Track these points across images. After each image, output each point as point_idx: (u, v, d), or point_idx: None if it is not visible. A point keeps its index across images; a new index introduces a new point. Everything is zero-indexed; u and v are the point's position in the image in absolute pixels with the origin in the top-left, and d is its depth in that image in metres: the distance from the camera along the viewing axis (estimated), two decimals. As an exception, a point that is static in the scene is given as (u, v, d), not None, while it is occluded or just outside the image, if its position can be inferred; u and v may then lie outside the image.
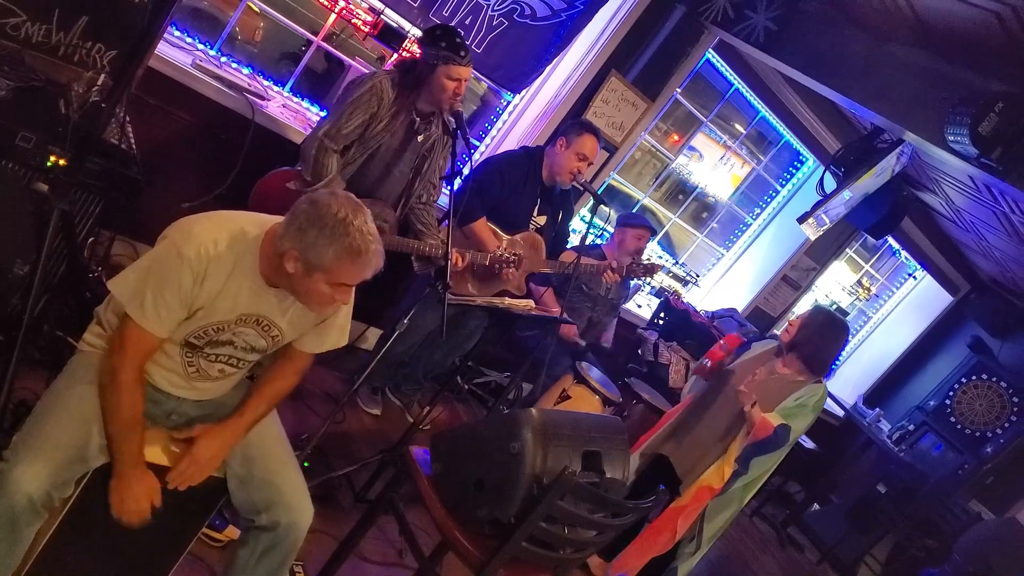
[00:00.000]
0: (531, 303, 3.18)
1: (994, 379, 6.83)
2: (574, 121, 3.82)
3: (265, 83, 3.80)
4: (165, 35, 3.29)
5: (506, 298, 3.14)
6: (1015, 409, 6.62)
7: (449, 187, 2.91)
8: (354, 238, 1.77)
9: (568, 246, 4.25)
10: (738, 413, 3.33)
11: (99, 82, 2.50)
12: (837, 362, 3.44)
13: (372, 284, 1.92)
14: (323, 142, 2.96)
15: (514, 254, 3.55)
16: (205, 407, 2.07)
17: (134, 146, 2.63)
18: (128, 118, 2.61)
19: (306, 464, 2.81)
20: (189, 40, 3.57)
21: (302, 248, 1.77)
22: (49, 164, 2.20)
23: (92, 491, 1.82)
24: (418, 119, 3.14)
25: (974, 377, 6.95)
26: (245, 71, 3.73)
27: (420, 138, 3.19)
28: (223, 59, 3.65)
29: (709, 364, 3.49)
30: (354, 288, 1.90)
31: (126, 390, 1.79)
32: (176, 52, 3.40)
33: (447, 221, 2.80)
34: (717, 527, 3.49)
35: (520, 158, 3.81)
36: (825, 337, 3.38)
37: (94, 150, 2.38)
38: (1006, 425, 6.61)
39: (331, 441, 3.37)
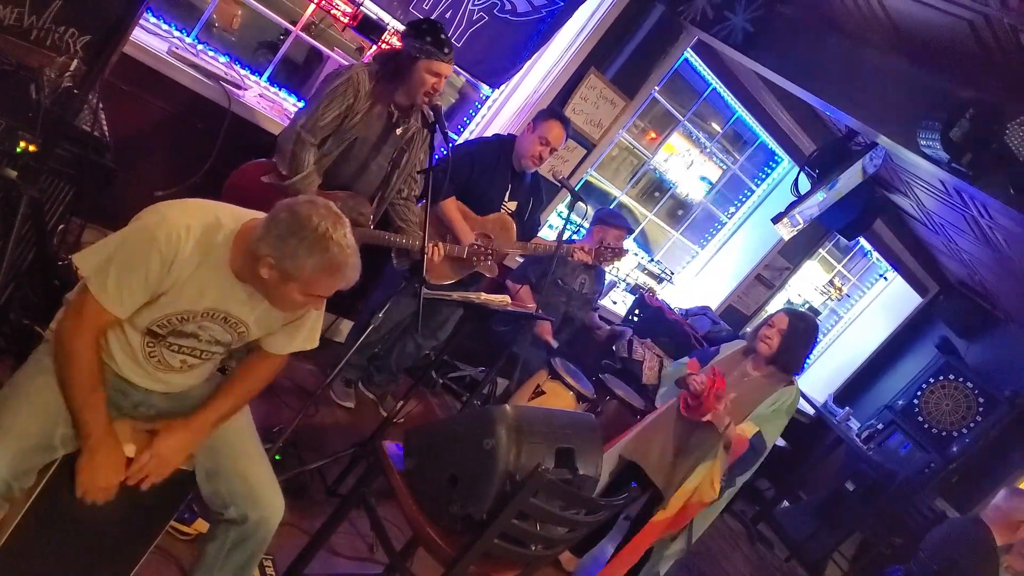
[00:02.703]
0: (507, 298, 3.18)
1: (961, 379, 6.93)
2: (544, 108, 3.84)
3: (242, 72, 3.76)
4: (141, 21, 3.24)
5: (482, 293, 3.14)
6: (980, 409, 6.73)
7: (426, 179, 2.90)
8: (333, 253, 1.76)
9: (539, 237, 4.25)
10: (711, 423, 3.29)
11: (72, 67, 2.46)
12: (808, 359, 3.44)
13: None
14: (300, 135, 2.93)
15: (489, 250, 3.55)
16: (174, 400, 2.05)
17: (107, 133, 2.59)
18: (101, 105, 2.57)
19: (277, 457, 2.81)
20: (165, 27, 3.52)
21: (279, 257, 1.76)
22: (19, 150, 2.15)
23: (57, 482, 1.80)
24: (396, 112, 3.12)
25: (941, 377, 7.05)
26: (222, 59, 3.68)
27: (399, 131, 3.17)
28: (200, 47, 3.60)
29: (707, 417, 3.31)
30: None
31: (79, 356, 1.77)
32: (152, 39, 3.35)
33: (420, 202, 2.79)
34: (704, 528, 3.55)
35: (492, 143, 3.86)
36: (806, 344, 3.41)
37: (65, 136, 2.34)
38: (971, 425, 6.72)
39: (303, 434, 3.35)
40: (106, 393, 1.82)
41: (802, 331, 3.40)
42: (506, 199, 3.86)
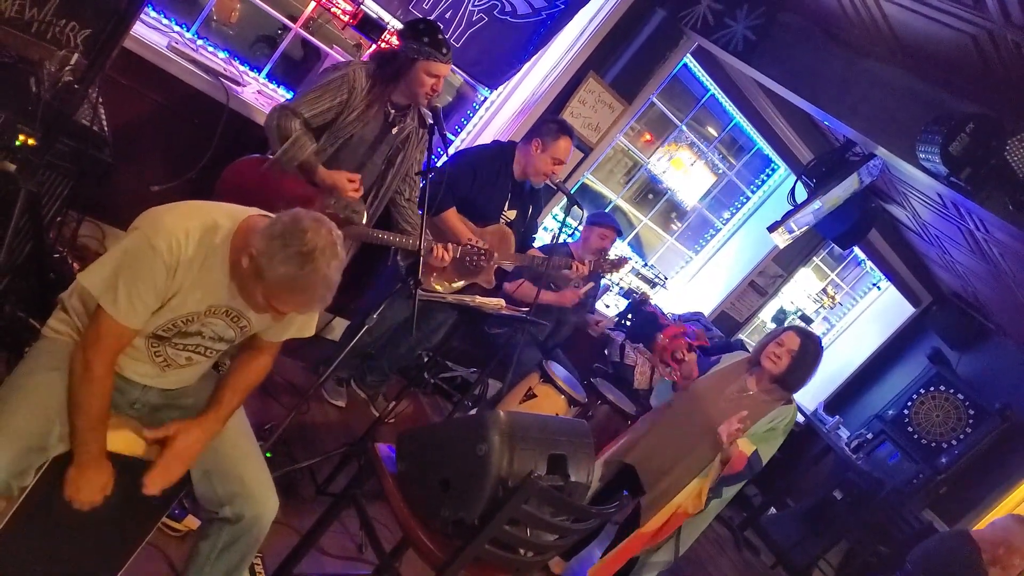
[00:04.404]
0: (501, 302, 3.18)
1: (951, 391, 6.96)
2: (550, 122, 3.82)
3: (241, 68, 3.75)
4: (141, 15, 3.23)
5: (477, 296, 3.13)
6: (970, 421, 6.75)
7: (424, 182, 2.89)
8: (306, 273, 1.73)
9: (535, 243, 4.24)
10: (707, 429, 3.29)
11: (72, 61, 2.45)
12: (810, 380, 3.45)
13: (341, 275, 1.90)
14: (282, 112, 2.87)
15: (483, 250, 3.55)
16: (169, 396, 2.05)
17: (106, 128, 2.58)
18: (101, 99, 2.56)
19: (268, 455, 2.79)
20: (165, 21, 3.51)
21: (259, 252, 1.74)
22: (17, 143, 2.15)
23: (49, 480, 1.80)
24: (393, 111, 3.12)
25: (932, 388, 7.07)
26: (221, 55, 3.67)
27: (395, 130, 3.16)
28: (199, 42, 3.59)
29: (677, 376, 3.47)
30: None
31: (98, 384, 1.77)
32: (152, 33, 3.34)
33: (420, 210, 2.78)
34: (692, 541, 3.55)
35: (493, 152, 3.81)
36: (812, 366, 3.39)
37: (65, 131, 2.33)
38: (961, 436, 6.74)
39: (295, 432, 3.34)
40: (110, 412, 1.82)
41: (811, 353, 3.36)
42: (505, 208, 3.85)
